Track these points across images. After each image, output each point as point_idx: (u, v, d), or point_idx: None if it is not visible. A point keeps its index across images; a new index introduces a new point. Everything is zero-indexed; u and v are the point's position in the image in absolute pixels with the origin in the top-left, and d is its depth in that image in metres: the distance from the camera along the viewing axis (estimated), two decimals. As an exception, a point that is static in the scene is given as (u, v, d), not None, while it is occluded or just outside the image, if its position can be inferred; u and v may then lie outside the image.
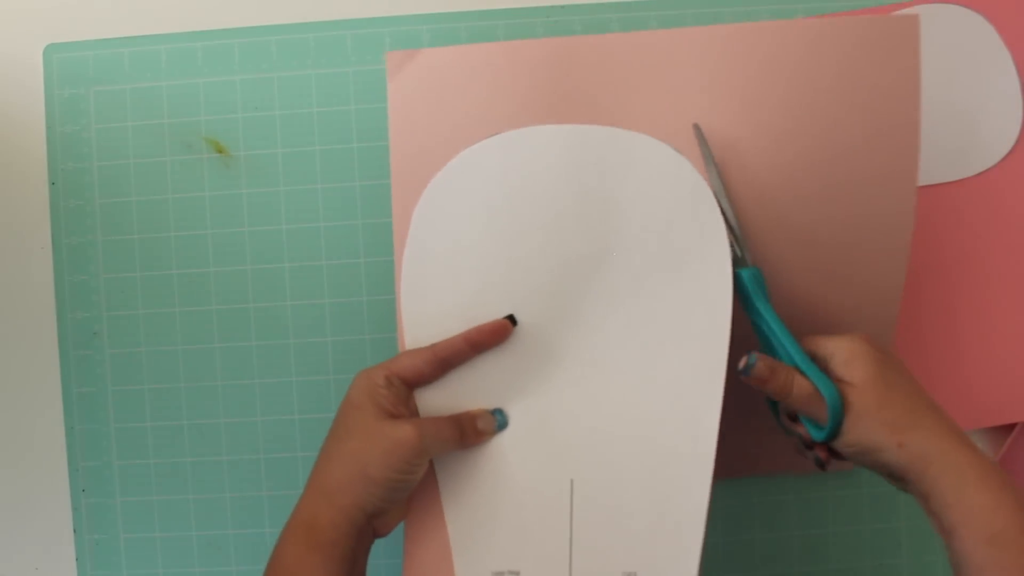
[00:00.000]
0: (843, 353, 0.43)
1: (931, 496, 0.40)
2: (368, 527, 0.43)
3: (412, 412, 0.46)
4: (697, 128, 0.47)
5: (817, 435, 0.44)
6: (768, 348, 0.46)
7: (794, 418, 0.46)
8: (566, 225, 0.47)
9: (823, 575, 0.59)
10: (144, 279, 0.60)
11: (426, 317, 0.48)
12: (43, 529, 0.60)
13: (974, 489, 0.39)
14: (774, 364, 0.43)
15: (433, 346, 0.46)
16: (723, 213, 0.46)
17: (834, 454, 0.45)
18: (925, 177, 0.59)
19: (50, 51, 0.61)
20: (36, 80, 0.61)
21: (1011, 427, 0.58)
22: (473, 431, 0.46)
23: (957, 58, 0.59)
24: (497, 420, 0.47)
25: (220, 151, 0.60)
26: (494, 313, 0.47)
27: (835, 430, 0.42)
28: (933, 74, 0.59)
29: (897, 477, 0.42)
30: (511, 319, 0.46)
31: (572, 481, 0.45)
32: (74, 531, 0.60)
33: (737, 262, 0.46)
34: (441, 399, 0.47)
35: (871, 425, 0.41)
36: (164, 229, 0.60)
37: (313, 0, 0.60)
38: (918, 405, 0.42)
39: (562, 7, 0.60)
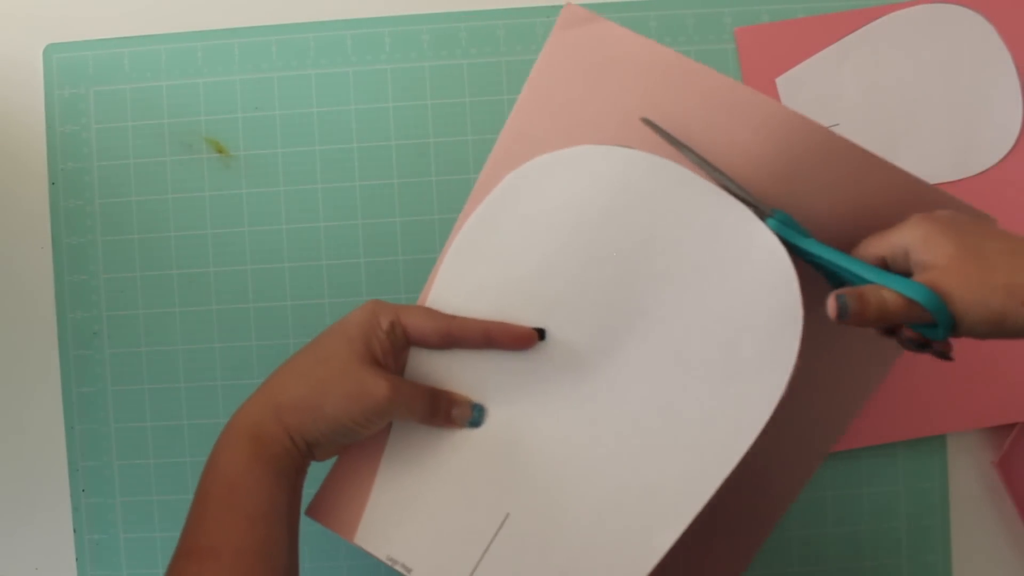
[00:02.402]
0: (916, 240, 0.39)
1: None
2: (309, 451, 0.42)
3: (399, 367, 0.44)
4: (647, 121, 0.43)
5: (936, 335, 0.39)
6: (837, 283, 0.42)
7: (891, 331, 0.42)
8: (625, 261, 0.43)
9: (823, 575, 0.59)
10: (144, 279, 0.60)
11: (461, 284, 0.44)
12: (43, 529, 0.60)
13: None
14: (858, 292, 0.38)
15: (452, 319, 0.43)
16: (714, 178, 0.42)
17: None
18: (925, 177, 0.59)
19: (50, 51, 0.61)
20: (36, 80, 0.61)
21: (1011, 427, 0.58)
22: (445, 415, 0.44)
23: (957, 58, 0.59)
24: (472, 417, 0.44)
25: (220, 151, 0.60)
26: (524, 316, 0.44)
27: (948, 323, 0.38)
28: (933, 74, 0.59)
29: None
30: (540, 333, 0.43)
31: (507, 516, 0.43)
32: (74, 531, 0.60)
33: (761, 214, 0.42)
34: (434, 367, 0.44)
35: (984, 298, 0.37)
36: (164, 229, 0.60)
37: (313, 0, 0.60)
38: (1018, 252, 0.37)
39: (562, 7, 0.60)
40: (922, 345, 0.41)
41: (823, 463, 0.59)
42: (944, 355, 0.41)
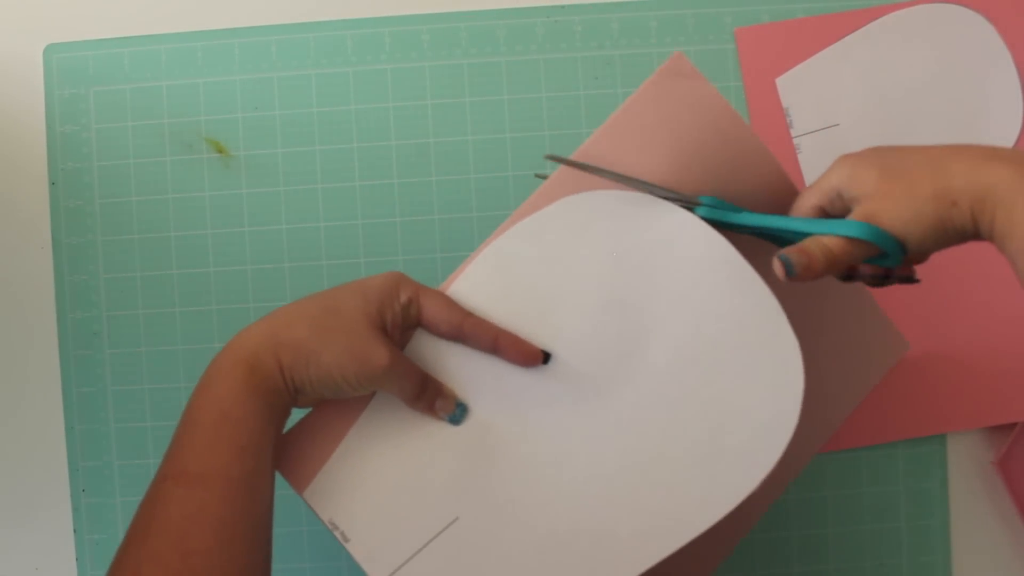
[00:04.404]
0: (843, 179, 0.40)
1: (993, 236, 0.37)
2: (295, 394, 0.41)
3: (402, 343, 0.44)
4: (552, 156, 0.44)
5: (891, 263, 0.40)
6: (783, 245, 0.43)
7: (850, 276, 0.43)
8: (627, 306, 0.43)
9: (823, 575, 0.59)
10: (144, 279, 0.60)
11: (485, 285, 0.44)
12: (43, 529, 0.60)
13: (1021, 214, 0.35)
14: (799, 247, 0.39)
15: (468, 316, 0.43)
16: (642, 188, 0.43)
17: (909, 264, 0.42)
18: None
19: (50, 51, 0.61)
20: (36, 80, 0.61)
21: (1011, 427, 0.58)
22: (429, 403, 0.43)
23: (957, 58, 0.59)
24: (454, 413, 0.44)
25: (220, 151, 0.60)
26: (532, 335, 0.43)
27: (895, 247, 0.39)
28: (933, 74, 0.59)
29: (973, 233, 0.38)
30: (546, 357, 0.43)
31: (456, 519, 0.42)
32: (74, 531, 0.60)
33: (689, 206, 0.43)
34: (434, 354, 0.44)
35: (917, 211, 0.38)
36: (164, 229, 0.60)
37: (313, 0, 0.60)
38: (943, 160, 0.38)
39: (562, 7, 0.60)
40: (884, 278, 0.42)
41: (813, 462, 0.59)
42: (908, 279, 0.42)
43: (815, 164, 0.59)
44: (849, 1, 0.60)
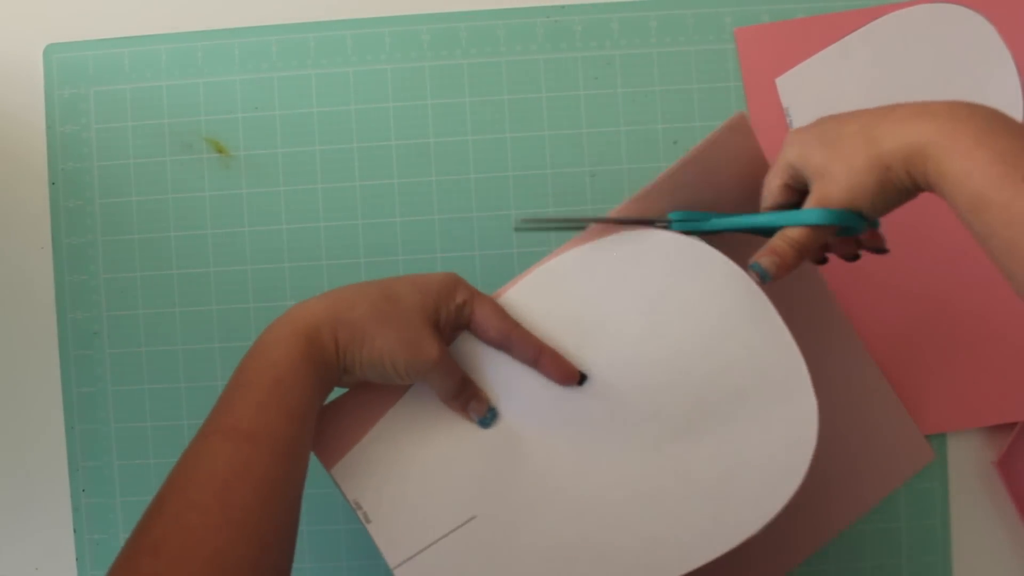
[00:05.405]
0: (795, 158, 0.42)
1: (930, 188, 0.38)
2: (343, 372, 0.43)
3: (448, 341, 0.45)
4: (522, 226, 0.47)
5: (858, 231, 0.42)
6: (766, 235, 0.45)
7: (822, 259, 0.45)
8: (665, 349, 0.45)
9: (823, 575, 0.59)
10: (144, 279, 0.60)
11: (537, 300, 0.46)
12: (43, 529, 0.60)
13: (947, 162, 0.36)
14: (770, 248, 0.41)
15: (516, 327, 0.44)
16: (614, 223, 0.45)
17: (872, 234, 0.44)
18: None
19: (50, 51, 0.61)
20: (36, 80, 0.61)
21: (1011, 427, 0.58)
22: (463, 403, 0.45)
23: (957, 58, 0.59)
24: (485, 417, 0.45)
25: (220, 151, 0.60)
26: (571, 355, 0.45)
27: (857, 221, 0.40)
28: (933, 74, 0.59)
29: (915, 188, 0.39)
30: (582, 378, 0.45)
31: (473, 517, 0.44)
32: (74, 531, 0.60)
33: (660, 224, 0.44)
34: (476, 356, 0.46)
35: (860, 182, 0.39)
36: (164, 229, 0.60)
37: (313, 0, 0.60)
38: (869, 125, 0.39)
39: (562, 7, 0.60)
40: (855, 254, 0.44)
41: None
42: (879, 250, 0.44)
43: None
44: (849, 1, 0.59)
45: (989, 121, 0.37)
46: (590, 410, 0.45)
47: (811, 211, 0.40)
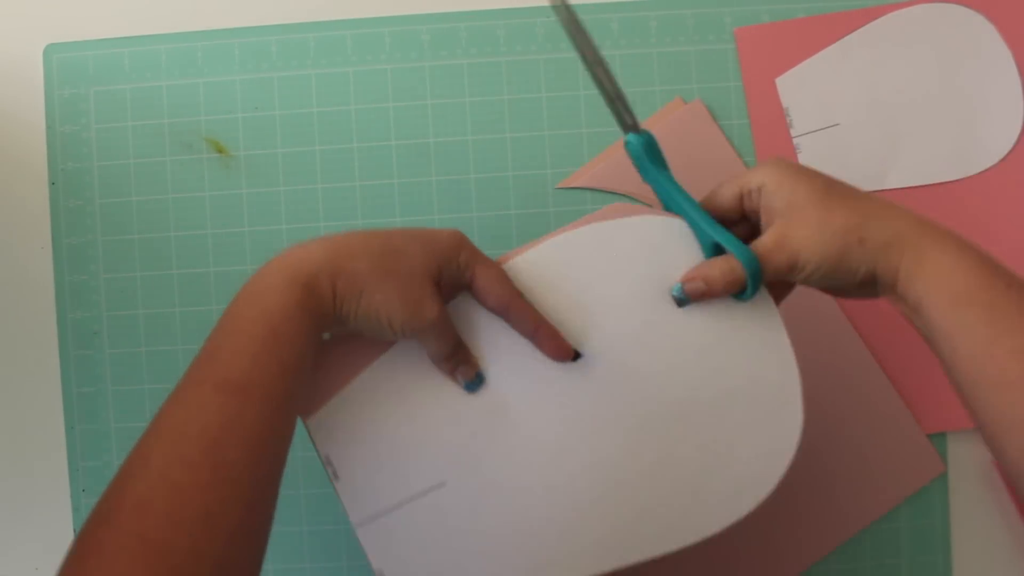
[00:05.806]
0: (771, 181, 0.41)
1: (898, 280, 0.39)
2: (337, 321, 0.41)
3: (446, 300, 0.44)
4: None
5: (747, 296, 0.42)
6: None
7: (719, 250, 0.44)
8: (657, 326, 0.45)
9: (823, 575, 0.59)
10: (144, 279, 0.60)
11: (541, 271, 0.45)
12: (43, 529, 0.60)
13: (933, 255, 0.38)
14: (694, 274, 0.42)
15: (517, 296, 0.43)
16: (600, 78, 0.43)
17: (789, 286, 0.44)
18: (925, 177, 0.59)
19: (50, 51, 0.61)
20: (36, 80, 0.61)
21: (1011, 427, 0.58)
22: (453, 366, 0.43)
23: (957, 58, 0.59)
24: (472, 381, 0.44)
25: (220, 151, 0.60)
26: (568, 331, 0.44)
27: (756, 284, 0.41)
28: (933, 74, 0.59)
29: (867, 281, 0.40)
30: (576, 356, 0.44)
31: (443, 484, 0.43)
32: (74, 531, 0.60)
33: (627, 128, 0.44)
34: (470, 320, 0.45)
35: (828, 242, 0.39)
36: (164, 229, 0.60)
37: (313, 0, 0.60)
38: (862, 200, 0.41)
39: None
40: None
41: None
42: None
43: (815, 164, 0.59)
44: (849, 1, 0.59)
45: (967, 243, 0.39)
46: (579, 388, 0.44)
47: (746, 251, 0.41)
